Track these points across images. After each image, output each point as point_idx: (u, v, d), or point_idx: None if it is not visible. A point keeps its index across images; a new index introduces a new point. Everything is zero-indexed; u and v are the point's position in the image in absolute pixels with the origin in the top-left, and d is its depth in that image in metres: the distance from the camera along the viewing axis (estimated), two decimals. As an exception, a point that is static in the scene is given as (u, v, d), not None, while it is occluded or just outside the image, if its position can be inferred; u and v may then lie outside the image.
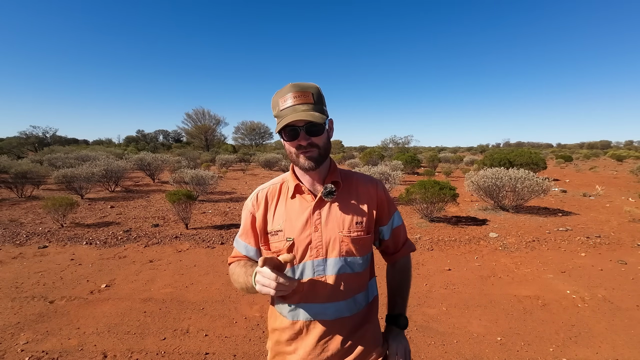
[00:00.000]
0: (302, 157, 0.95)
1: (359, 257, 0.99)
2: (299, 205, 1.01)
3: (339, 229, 0.97)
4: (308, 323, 0.98)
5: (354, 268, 0.99)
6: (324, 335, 0.98)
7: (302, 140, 0.92)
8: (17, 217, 6.50)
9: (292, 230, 0.98)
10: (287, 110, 0.91)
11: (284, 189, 1.06)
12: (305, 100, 0.92)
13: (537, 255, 4.59)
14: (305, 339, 0.98)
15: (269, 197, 1.05)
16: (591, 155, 32.40)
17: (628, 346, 2.51)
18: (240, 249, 1.09)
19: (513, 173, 7.06)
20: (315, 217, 0.98)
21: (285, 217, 1.00)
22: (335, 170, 1.05)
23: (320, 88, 0.98)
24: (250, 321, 2.86)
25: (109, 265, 4.11)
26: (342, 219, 0.98)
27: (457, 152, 48.02)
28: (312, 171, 0.98)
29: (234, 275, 1.03)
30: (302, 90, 0.92)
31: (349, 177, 1.08)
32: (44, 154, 18.92)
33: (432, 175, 13.36)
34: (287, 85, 0.94)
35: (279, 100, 0.94)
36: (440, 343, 2.57)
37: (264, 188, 1.08)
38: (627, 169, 17.31)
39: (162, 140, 50.36)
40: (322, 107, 0.95)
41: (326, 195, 0.98)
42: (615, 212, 7.26)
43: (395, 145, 27.25)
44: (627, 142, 71.91)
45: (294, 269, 0.98)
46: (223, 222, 6.34)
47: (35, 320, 2.81)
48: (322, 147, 0.96)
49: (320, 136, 0.94)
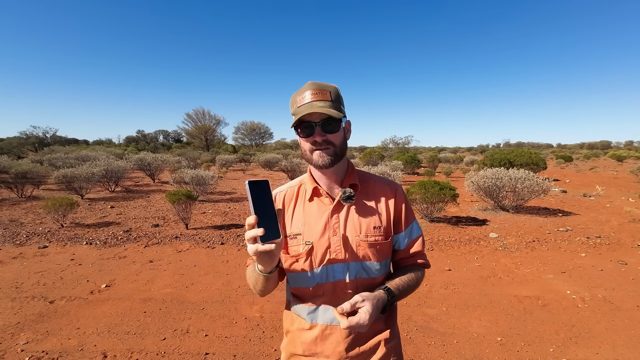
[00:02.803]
0: (316, 154, 0.94)
1: (376, 263, 0.97)
2: (317, 208, 1.00)
3: (356, 233, 0.96)
4: (325, 327, 0.97)
5: (370, 273, 0.97)
6: (341, 339, 0.96)
7: (318, 136, 0.92)
8: (17, 217, 6.50)
9: (311, 234, 0.97)
10: (304, 107, 0.91)
11: (301, 192, 1.05)
12: (323, 97, 0.91)
13: (537, 255, 4.59)
14: (323, 343, 0.97)
15: (287, 200, 1.04)
16: (591, 156, 32.39)
17: (628, 346, 2.51)
18: None
19: (513, 173, 7.06)
20: (334, 220, 0.97)
21: (304, 220, 0.99)
22: (353, 172, 1.03)
23: (338, 88, 0.98)
24: (250, 321, 2.86)
25: (109, 266, 4.11)
26: (359, 222, 0.97)
27: (457, 152, 48.03)
28: (327, 170, 0.97)
29: (249, 278, 1.01)
30: (321, 88, 0.92)
31: (367, 180, 1.05)
32: (44, 154, 18.94)
33: (432, 175, 13.36)
34: (306, 84, 0.94)
35: (297, 97, 0.94)
36: (441, 343, 2.57)
37: (282, 191, 1.07)
38: (627, 169, 17.30)
39: (162, 140, 50.39)
40: (339, 106, 0.95)
41: (345, 200, 0.96)
42: (615, 212, 7.25)
43: (396, 146, 27.24)
44: (627, 143, 71.92)
45: (313, 273, 0.96)
46: (223, 222, 6.34)
47: (35, 321, 2.81)
48: (337, 146, 0.94)
49: (336, 134, 0.93)
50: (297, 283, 1.01)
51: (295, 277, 1.01)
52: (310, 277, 0.97)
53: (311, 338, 0.98)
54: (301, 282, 0.99)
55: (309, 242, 0.96)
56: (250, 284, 1.00)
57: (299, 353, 1.01)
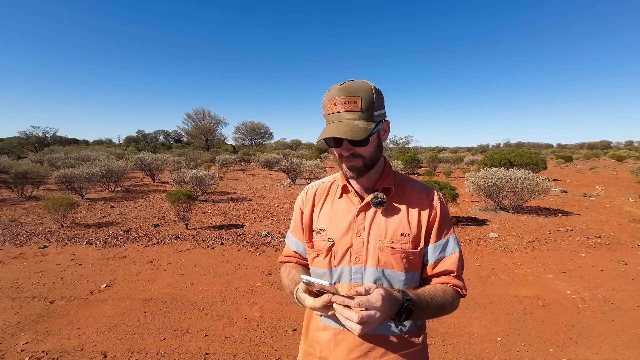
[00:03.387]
0: (344, 165, 0.91)
1: (400, 273, 0.90)
2: (345, 206, 0.97)
3: (381, 237, 0.91)
4: (338, 331, 0.92)
5: (392, 283, 0.90)
6: (353, 347, 0.90)
7: (345, 150, 0.88)
8: (17, 217, 6.50)
9: (334, 231, 0.95)
10: (332, 117, 0.87)
11: (333, 188, 1.03)
12: (352, 107, 0.84)
13: (537, 255, 4.59)
14: (336, 348, 0.93)
15: (318, 195, 1.04)
16: (591, 156, 32.41)
17: (628, 346, 2.51)
18: (291, 245, 1.09)
19: (513, 173, 7.06)
20: (359, 221, 0.93)
21: (330, 216, 0.98)
22: (389, 175, 0.98)
23: (376, 87, 0.88)
24: (250, 321, 2.86)
25: (109, 266, 4.11)
26: (385, 226, 0.92)
27: (457, 152, 48.02)
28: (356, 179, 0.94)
29: (283, 284, 1.03)
30: (350, 94, 0.84)
31: (403, 184, 0.99)
32: (44, 154, 18.94)
33: (432, 175, 13.37)
34: (335, 87, 0.87)
35: (327, 102, 0.88)
36: (441, 343, 2.57)
37: (314, 185, 1.07)
38: (627, 169, 17.30)
39: (162, 140, 50.43)
40: (372, 114, 0.86)
41: (375, 205, 0.92)
42: (615, 212, 7.25)
43: (396, 146, 27.24)
44: (627, 143, 71.95)
45: (331, 271, 0.94)
46: (223, 222, 6.34)
47: (35, 321, 2.81)
48: (367, 157, 0.90)
49: (365, 147, 0.88)
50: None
51: (316, 274, 1.00)
52: (328, 276, 0.95)
53: (325, 340, 0.95)
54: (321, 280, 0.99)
55: (331, 239, 0.94)
56: (285, 289, 1.02)
57: (315, 354, 0.99)
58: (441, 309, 0.88)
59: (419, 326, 0.96)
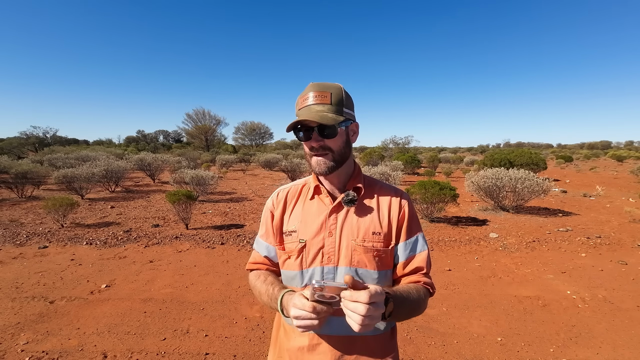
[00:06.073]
0: (314, 160, 0.92)
1: (372, 271, 0.91)
2: (316, 207, 0.97)
3: (353, 237, 0.92)
4: (312, 336, 0.92)
5: (366, 282, 0.89)
6: (329, 352, 0.90)
7: (314, 141, 0.89)
8: (17, 217, 6.50)
9: (305, 232, 0.95)
10: (303, 110, 0.89)
11: (304, 190, 1.03)
12: (322, 100, 0.88)
13: (537, 255, 4.59)
14: (311, 354, 0.92)
15: (289, 197, 1.03)
16: (591, 156, 32.40)
17: (628, 346, 2.51)
18: (261, 250, 1.05)
19: (513, 173, 7.06)
20: (331, 221, 0.94)
21: (302, 218, 0.97)
22: (359, 175, 1.00)
23: (346, 91, 0.93)
24: (250, 321, 2.86)
25: (109, 266, 4.11)
26: (357, 226, 0.93)
27: (457, 152, 48.03)
28: (329, 175, 0.94)
29: (254, 290, 0.99)
30: (321, 90, 0.89)
31: (372, 185, 1.02)
32: (44, 154, 18.94)
33: (433, 175, 13.36)
34: (308, 85, 0.92)
35: (300, 99, 0.92)
36: (441, 343, 2.57)
37: (285, 188, 1.06)
38: (627, 169, 17.30)
39: (162, 140, 50.44)
40: (340, 109, 0.90)
41: (347, 203, 0.94)
42: (615, 212, 7.25)
43: (396, 146, 27.26)
44: (628, 143, 71.87)
45: (303, 273, 0.94)
46: (223, 223, 6.34)
47: (36, 321, 2.81)
48: (336, 152, 0.91)
49: (334, 139, 0.89)
50: (288, 283, 0.98)
51: (287, 276, 0.98)
52: (300, 278, 0.94)
53: (297, 347, 0.93)
54: (291, 282, 0.96)
55: (303, 240, 0.94)
56: (256, 295, 0.98)
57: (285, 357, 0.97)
58: (416, 305, 0.88)
59: (392, 327, 0.99)
